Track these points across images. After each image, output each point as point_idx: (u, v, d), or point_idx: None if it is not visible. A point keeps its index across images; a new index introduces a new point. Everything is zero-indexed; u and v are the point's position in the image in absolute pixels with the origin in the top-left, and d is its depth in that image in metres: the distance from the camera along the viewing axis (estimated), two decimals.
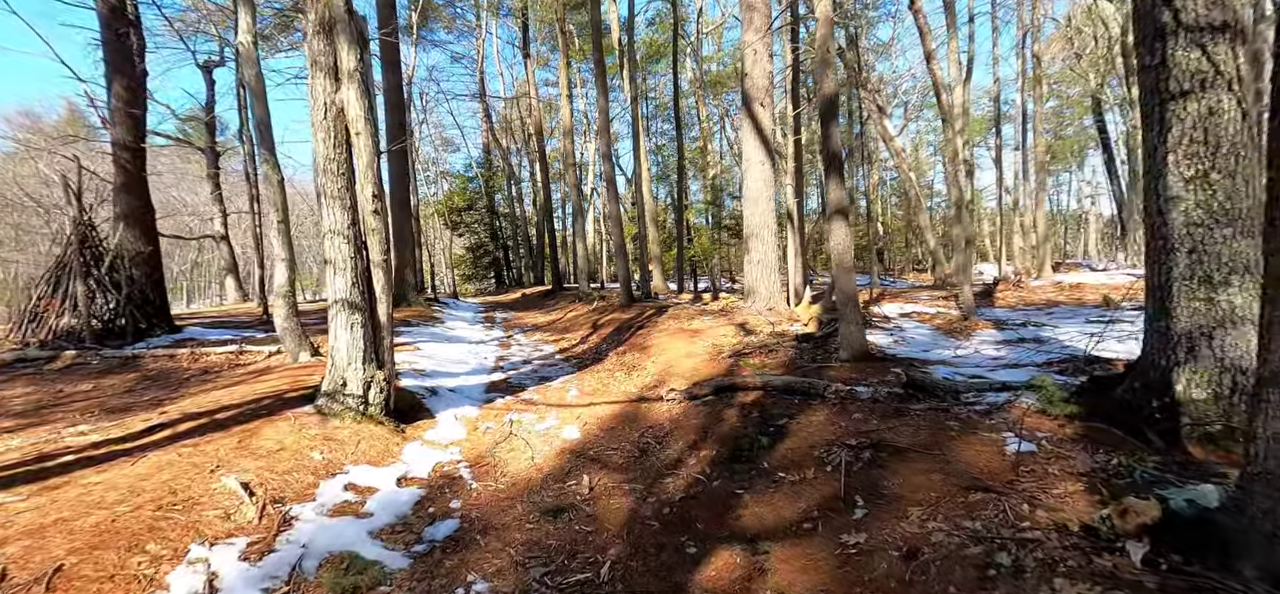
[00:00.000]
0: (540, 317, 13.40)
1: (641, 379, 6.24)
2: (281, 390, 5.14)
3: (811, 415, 3.83)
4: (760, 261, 8.33)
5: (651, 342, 7.73)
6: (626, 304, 11.50)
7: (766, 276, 8.32)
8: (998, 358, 5.25)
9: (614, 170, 12.07)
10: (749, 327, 7.51)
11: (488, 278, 31.19)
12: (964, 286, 7.89)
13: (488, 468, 4.08)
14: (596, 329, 9.96)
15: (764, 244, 8.32)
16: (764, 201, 8.30)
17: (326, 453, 3.70)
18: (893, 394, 3.92)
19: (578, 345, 9.02)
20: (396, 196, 12.76)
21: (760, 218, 8.31)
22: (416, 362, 6.97)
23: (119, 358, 7.32)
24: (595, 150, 29.56)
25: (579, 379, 6.68)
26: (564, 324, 11.46)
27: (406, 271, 12.73)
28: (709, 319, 8.71)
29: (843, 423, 3.54)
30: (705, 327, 7.98)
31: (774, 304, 8.26)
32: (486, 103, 24.12)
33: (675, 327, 8.40)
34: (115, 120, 8.85)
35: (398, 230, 12.85)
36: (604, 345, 8.53)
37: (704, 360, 6.23)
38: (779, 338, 6.41)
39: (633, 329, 9.03)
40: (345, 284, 4.39)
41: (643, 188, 13.58)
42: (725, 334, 7.27)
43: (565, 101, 14.24)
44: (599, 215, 33.62)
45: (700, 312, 9.90)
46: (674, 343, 7.34)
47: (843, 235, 5.21)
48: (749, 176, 8.37)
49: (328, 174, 4.35)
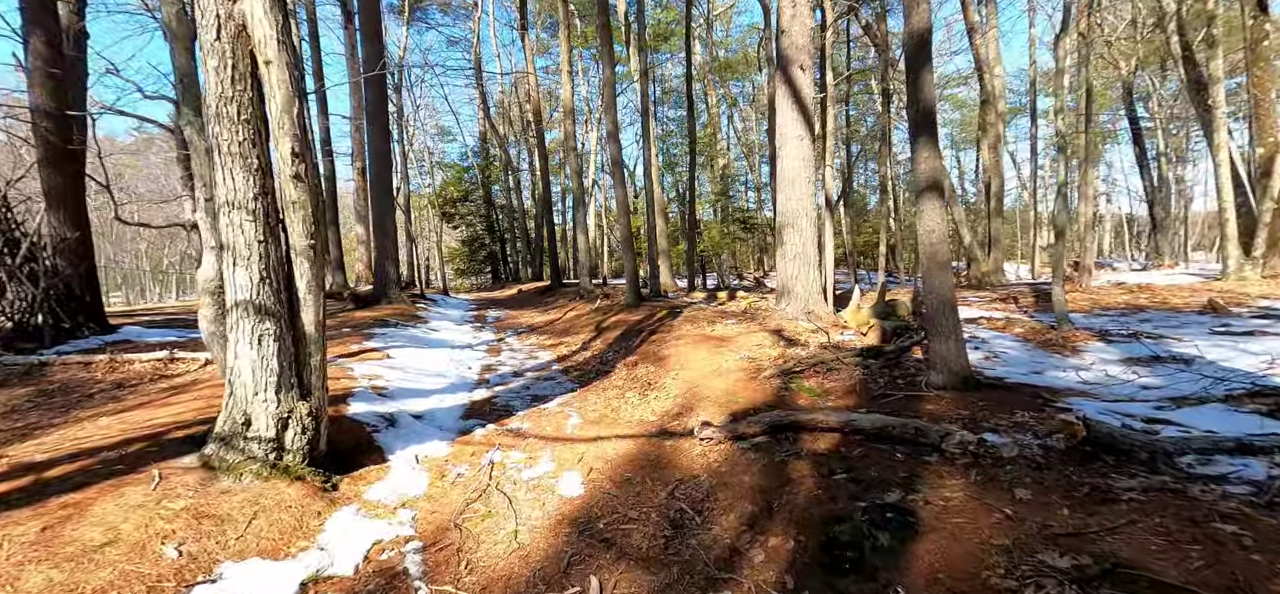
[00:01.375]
0: (537, 316, 12.08)
1: (661, 402, 4.93)
2: (184, 420, 3.83)
3: (941, 488, 2.51)
4: (797, 256, 7.00)
5: (668, 350, 6.42)
6: (634, 303, 10.18)
7: (805, 273, 7.00)
8: (1147, 386, 3.95)
9: (620, 151, 10.75)
10: (788, 335, 6.20)
11: (484, 273, 29.82)
12: (1056, 287, 6.57)
13: (449, 554, 2.76)
14: (600, 332, 8.64)
15: (802, 235, 6.99)
16: (802, 184, 6.97)
17: (192, 543, 2.38)
18: (1054, 451, 2.60)
19: (579, 352, 7.71)
20: (378, 179, 11.42)
21: (798, 203, 6.98)
22: (380, 377, 5.65)
23: (21, 366, 6.00)
24: (598, 139, 28.20)
25: (581, 399, 5.37)
26: (563, 325, 10.14)
27: (387, 264, 11.40)
28: (733, 323, 7.39)
29: (1006, 510, 2.22)
30: (732, 333, 6.67)
31: (812, 307, 6.95)
32: (483, 86, 22.73)
33: (695, 332, 7.08)
34: (33, 81, 7.50)
35: (379, 218, 11.52)
36: (611, 353, 7.22)
37: (740, 380, 4.91)
38: (835, 352, 5.09)
39: (644, 333, 7.71)
40: (249, 280, 3.06)
41: (651, 175, 12.21)
42: (760, 344, 5.95)
43: (566, 78, 12.88)
44: (600, 208, 32.26)
45: (719, 313, 8.58)
46: (697, 354, 6.03)
47: (937, 219, 3.88)
48: (785, 154, 7.04)
49: (222, 121, 3.01)
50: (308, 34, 16.23)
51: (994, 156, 12.65)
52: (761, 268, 31.12)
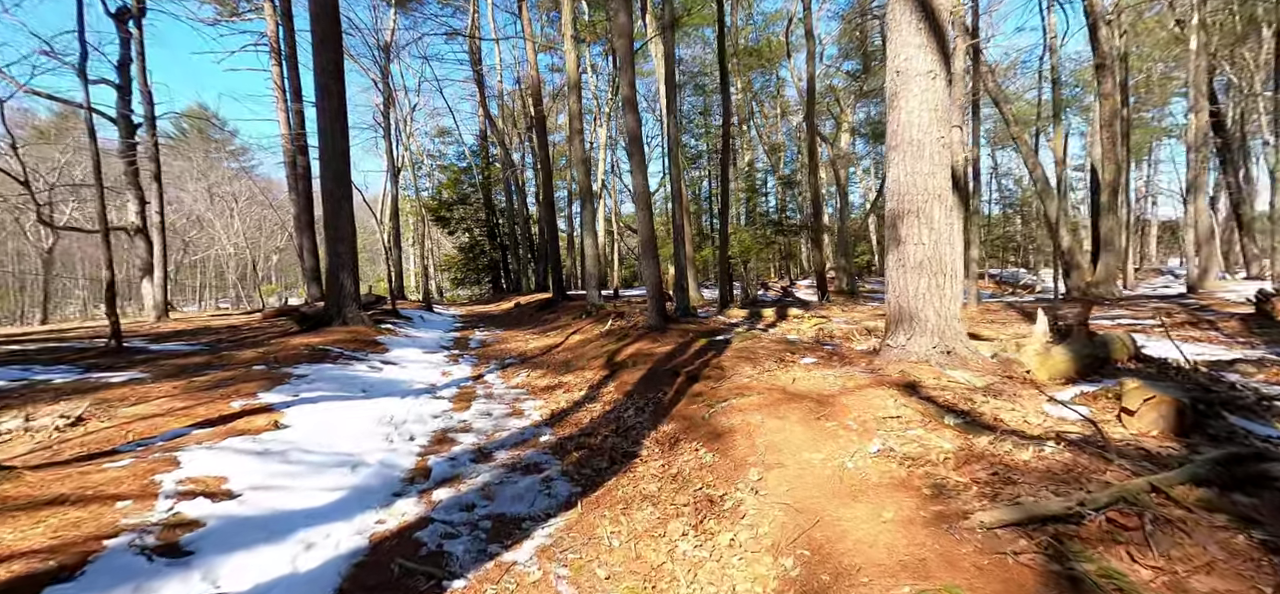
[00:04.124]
0: (533, 339, 9.57)
1: (744, 561, 2.39)
2: None
3: None
4: (925, 262, 4.44)
5: (730, 418, 3.87)
6: (658, 326, 7.63)
7: (938, 290, 4.43)
8: None
9: (640, 126, 8.23)
10: (934, 395, 3.63)
11: (484, 282, 27.41)
12: None
13: None
14: (615, 370, 6.10)
15: (933, 229, 4.43)
16: (933, 149, 4.42)
17: None
18: None
19: (584, 404, 5.17)
20: (329, 165, 8.99)
21: (925, 179, 4.43)
22: (227, 478, 3.15)
23: None
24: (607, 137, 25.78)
25: (582, 534, 2.83)
26: (564, 356, 7.61)
27: (342, 275, 8.94)
28: (817, 366, 4.83)
29: None
30: (829, 388, 4.10)
31: (954, 345, 4.37)
32: (480, 70, 20.42)
33: (764, 381, 4.52)
34: None
35: (331, 215, 9.08)
36: (633, 413, 4.67)
37: (913, 524, 2.34)
38: (1102, 453, 2.52)
39: (680, 378, 5.16)
40: None
41: (677, 159, 9.61)
42: (897, 415, 3.38)
43: (569, 45, 10.44)
44: (610, 212, 29.75)
45: (783, 346, 6.02)
46: (785, 430, 3.47)
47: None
48: (904, 101, 4.50)
49: None
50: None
51: (1109, 136, 10.00)
52: (786, 276, 28.44)
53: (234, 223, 29.81)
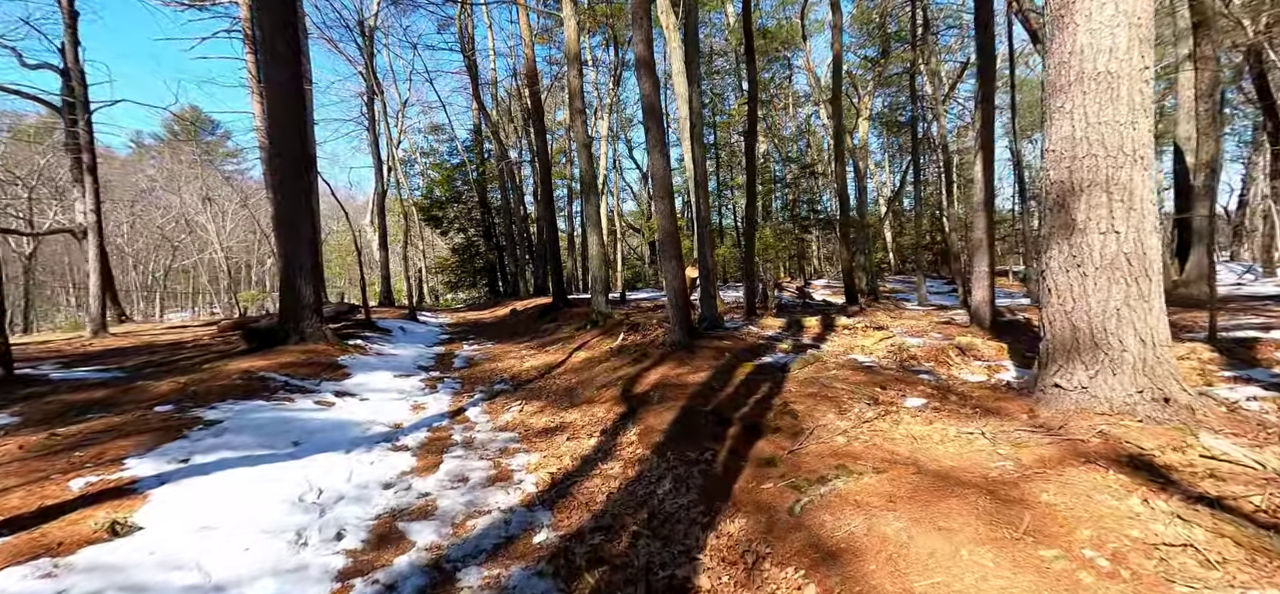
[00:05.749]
0: (528, 356, 8.04)
1: None
2: None
3: None
4: (1114, 261, 2.92)
5: (845, 523, 2.33)
6: (683, 344, 6.10)
7: (1145, 303, 2.90)
8: None
9: (658, 92, 6.66)
10: (1231, 498, 2.09)
11: (479, 285, 25.84)
12: None
13: None
14: (634, 410, 4.55)
15: (1132, 211, 2.91)
16: (1131, 82, 2.89)
17: None
18: None
19: (596, 467, 3.63)
20: (281, 149, 7.46)
21: (1121, 131, 2.90)
22: None
23: None
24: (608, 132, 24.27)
25: None
26: (566, 381, 6.08)
27: (299, 281, 7.40)
28: (932, 410, 3.31)
29: None
30: (998, 465, 2.57)
31: (1168, 387, 2.84)
32: (473, 56, 18.91)
33: (876, 447, 3.00)
34: None
35: (286, 212, 7.56)
36: (669, 488, 3.14)
37: None
38: None
39: (730, 429, 3.64)
40: None
41: (696, 137, 8.00)
42: (1173, 533, 1.85)
43: (568, 8, 8.90)
44: (612, 211, 28.17)
45: (860, 373, 4.50)
46: (969, 565, 1.94)
47: None
48: (1085, 5, 2.97)
49: None
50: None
51: (1208, 109, 8.48)
52: (802, 276, 26.88)
53: (227, 225, 28.44)
